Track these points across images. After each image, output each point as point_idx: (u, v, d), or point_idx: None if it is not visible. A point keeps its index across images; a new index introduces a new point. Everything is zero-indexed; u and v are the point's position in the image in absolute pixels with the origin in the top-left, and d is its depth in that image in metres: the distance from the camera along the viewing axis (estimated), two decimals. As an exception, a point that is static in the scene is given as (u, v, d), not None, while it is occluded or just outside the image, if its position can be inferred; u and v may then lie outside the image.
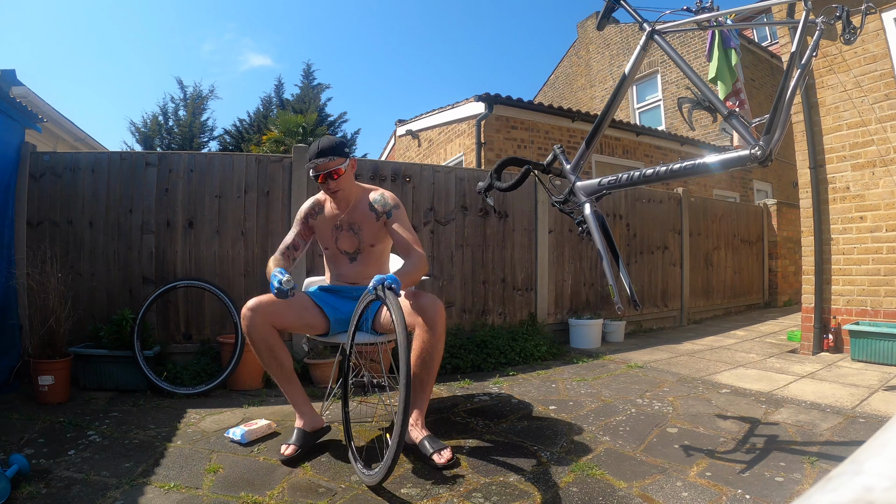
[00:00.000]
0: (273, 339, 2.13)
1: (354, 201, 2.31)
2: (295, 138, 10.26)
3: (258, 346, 2.12)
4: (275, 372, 2.18)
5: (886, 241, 3.79)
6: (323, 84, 16.58)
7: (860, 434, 2.29)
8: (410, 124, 9.24)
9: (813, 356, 3.99)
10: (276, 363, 2.16)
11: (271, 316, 2.11)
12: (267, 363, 2.17)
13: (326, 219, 2.34)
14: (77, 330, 3.12)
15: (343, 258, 2.36)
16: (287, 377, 2.20)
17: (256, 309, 2.08)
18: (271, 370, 2.19)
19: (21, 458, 1.84)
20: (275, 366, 2.16)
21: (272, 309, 2.11)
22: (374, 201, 2.31)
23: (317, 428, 2.20)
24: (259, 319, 2.08)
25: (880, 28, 3.73)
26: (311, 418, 2.20)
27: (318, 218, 2.37)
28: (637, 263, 5.43)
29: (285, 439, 2.19)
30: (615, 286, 2.01)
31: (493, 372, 3.65)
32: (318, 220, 2.37)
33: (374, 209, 2.30)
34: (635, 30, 10.26)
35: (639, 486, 1.82)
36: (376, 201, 2.31)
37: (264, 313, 2.09)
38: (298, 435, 2.13)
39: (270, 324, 2.11)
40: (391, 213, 2.29)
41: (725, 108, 1.92)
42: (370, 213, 2.30)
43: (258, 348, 2.12)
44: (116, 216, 3.47)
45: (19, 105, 3.33)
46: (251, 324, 2.08)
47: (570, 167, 2.30)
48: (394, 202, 2.33)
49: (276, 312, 2.12)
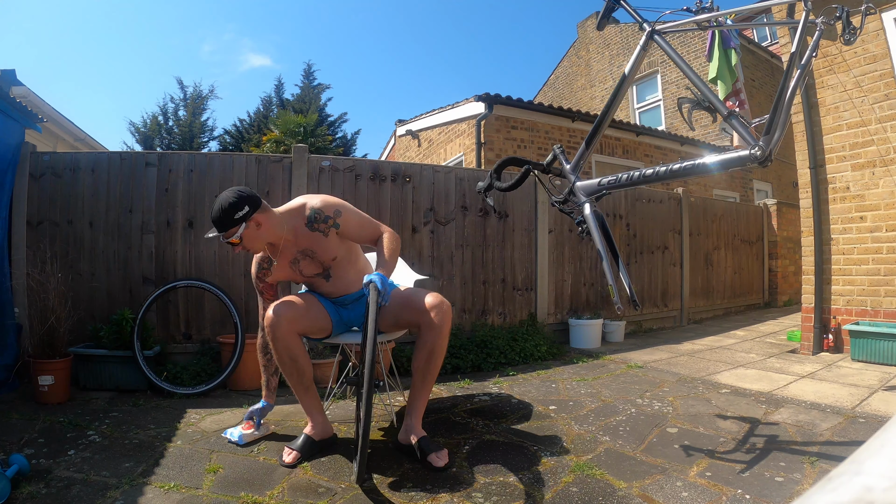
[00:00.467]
0: (296, 347, 2.05)
1: (291, 232, 2.07)
2: (295, 138, 10.27)
3: (281, 354, 2.03)
4: (294, 380, 2.10)
5: (886, 241, 3.79)
6: (323, 84, 16.65)
7: (860, 434, 2.29)
8: (410, 124, 9.24)
9: (813, 356, 3.99)
10: (297, 372, 2.08)
11: (294, 322, 2.03)
12: (288, 372, 2.07)
13: (279, 265, 2.14)
14: (77, 330, 3.12)
15: (318, 280, 2.21)
16: (306, 386, 2.12)
17: (281, 314, 1.99)
18: (290, 378, 2.09)
19: (21, 458, 1.84)
20: (295, 374, 2.08)
21: (295, 314, 2.03)
22: (312, 221, 2.07)
23: (325, 437, 2.15)
24: (285, 326, 1.99)
25: (880, 28, 3.73)
26: (322, 427, 2.15)
27: (272, 270, 2.17)
28: (637, 263, 5.43)
29: (286, 440, 2.19)
30: (615, 286, 2.01)
31: (493, 372, 3.65)
32: (274, 271, 2.17)
33: (317, 228, 2.08)
34: (635, 30, 10.26)
35: (639, 486, 1.82)
36: (313, 220, 2.07)
37: (289, 319, 2.00)
38: (305, 442, 2.08)
39: (296, 331, 2.04)
40: (336, 223, 2.09)
41: (725, 109, 1.92)
42: (314, 233, 2.08)
43: (280, 356, 2.04)
44: (116, 216, 3.47)
45: (19, 105, 3.33)
46: (276, 331, 1.98)
47: (569, 167, 2.30)
48: (331, 209, 2.09)
49: (298, 317, 2.04)
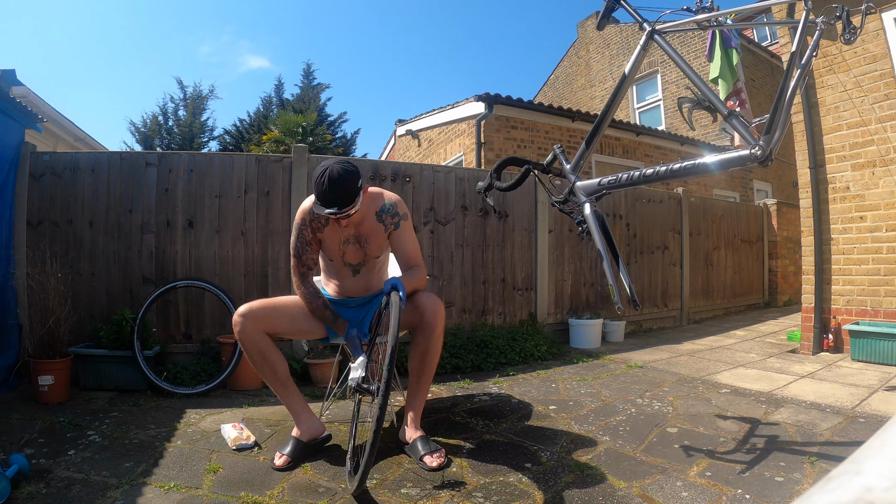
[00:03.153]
0: (265, 345, 2.09)
1: (360, 214, 2.10)
2: (295, 138, 10.27)
3: (250, 352, 2.08)
4: (268, 378, 2.14)
5: (886, 240, 3.79)
6: (323, 84, 16.64)
7: (860, 434, 2.29)
8: (410, 124, 9.24)
9: (813, 356, 3.99)
10: (270, 369, 2.12)
11: (263, 321, 2.08)
12: (260, 369, 2.13)
13: (333, 232, 2.15)
14: (77, 330, 3.12)
15: (346, 271, 2.24)
16: (282, 383, 2.15)
17: (248, 315, 2.05)
18: (265, 376, 2.15)
19: (21, 458, 1.84)
20: (268, 371, 2.12)
21: (264, 314, 2.08)
22: (384, 212, 2.15)
23: (315, 437, 2.14)
24: (250, 325, 2.04)
25: (880, 28, 3.73)
26: (309, 426, 2.13)
27: (324, 231, 2.16)
28: (637, 263, 5.43)
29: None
30: (615, 286, 2.01)
31: (493, 372, 3.65)
32: (326, 234, 2.16)
33: (383, 220, 2.16)
34: (635, 30, 10.26)
35: (639, 486, 1.82)
36: (386, 212, 2.15)
37: (255, 319, 2.06)
38: (293, 445, 2.06)
39: (263, 330, 2.08)
40: (399, 224, 2.17)
41: (725, 108, 1.92)
42: (378, 224, 2.15)
43: (250, 354, 2.09)
44: (116, 216, 3.47)
45: (19, 105, 3.33)
46: (242, 330, 2.05)
47: (569, 167, 2.30)
48: (403, 211, 2.19)
49: (269, 318, 2.09)
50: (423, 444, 2.04)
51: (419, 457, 1.99)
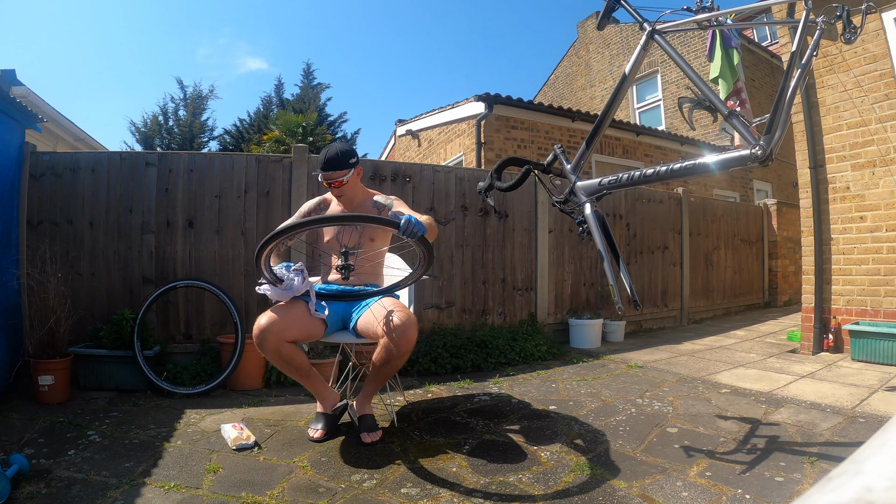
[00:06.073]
0: (286, 351, 2.18)
1: (359, 201, 2.46)
2: (295, 138, 10.27)
3: (273, 360, 2.21)
4: (293, 375, 2.28)
5: (886, 240, 3.79)
6: (323, 84, 16.61)
7: (860, 434, 2.29)
8: (410, 124, 9.24)
9: (813, 356, 3.99)
10: (294, 369, 2.25)
11: (282, 334, 2.15)
12: (287, 371, 2.27)
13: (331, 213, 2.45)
14: (77, 330, 3.12)
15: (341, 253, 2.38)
16: (305, 375, 2.29)
17: (268, 329, 2.12)
18: (289, 374, 2.30)
19: (21, 458, 1.84)
20: (293, 371, 2.26)
21: (281, 327, 2.15)
22: (378, 200, 2.47)
23: (335, 404, 2.40)
24: (272, 339, 2.13)
25: (880, 28, 3.73)
26: (331, 401, 2.40)
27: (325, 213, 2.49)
28: (637, 263, 5.43)
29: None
30: (616, 286, 2.01)
31: (493, 372, 3.65)
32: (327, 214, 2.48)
33: (378, 207, 2.44)
34: (635, 30, 10.26)
35: (639, 486, 1.82)
36: (380, 202, 2.46)
37: (276, 332, 2.13)
38: (324, 420, 2.33)
39: (283, 340, 2.16)
40: (392, 203, 2.44)
41: (726, 108, 1.92)
42: (373, 209, 2.43)
43: (274, 362, 2.23)
44: (116, 216, 3.47)
45: (19, 105, 3.32)
46: (264, 345, 2.13)
47: (570, 167, 2.30)
48: (394, 197, 2.52)
49: (285, 330, 2.17)
50: (365, 422, 2.27)
51: (359, 431, 2.24)
